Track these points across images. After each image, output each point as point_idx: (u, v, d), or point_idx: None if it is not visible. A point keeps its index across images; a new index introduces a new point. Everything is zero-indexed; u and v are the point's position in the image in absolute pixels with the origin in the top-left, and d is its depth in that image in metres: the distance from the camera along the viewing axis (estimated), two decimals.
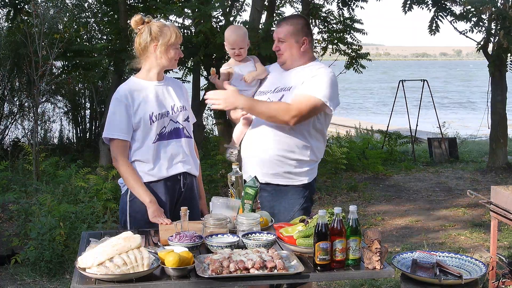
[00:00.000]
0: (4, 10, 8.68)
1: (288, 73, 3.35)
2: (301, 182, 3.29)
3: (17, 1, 8.06)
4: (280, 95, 3.28)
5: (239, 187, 2.97)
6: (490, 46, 9.51)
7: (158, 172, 3.06)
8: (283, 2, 11.50)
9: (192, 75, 10.03)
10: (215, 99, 3.17)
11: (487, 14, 8.81)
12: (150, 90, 3.10)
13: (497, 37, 9.15)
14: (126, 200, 3.13)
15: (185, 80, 9.94)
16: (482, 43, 9.39)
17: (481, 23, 9.07)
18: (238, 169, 3.02)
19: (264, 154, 3.25)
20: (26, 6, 8.21)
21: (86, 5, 10.96)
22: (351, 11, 10.27)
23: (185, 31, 9.35)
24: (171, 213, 3.07)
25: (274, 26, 3.55)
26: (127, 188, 3.14)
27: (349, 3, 10.18)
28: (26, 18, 8.21)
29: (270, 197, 3.22)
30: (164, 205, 3.06)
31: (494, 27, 9.25)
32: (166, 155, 3.08)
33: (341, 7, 10.26)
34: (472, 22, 9.04)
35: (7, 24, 8.51)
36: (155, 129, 3.05)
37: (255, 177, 2.91)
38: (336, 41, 10.37)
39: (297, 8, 11.07)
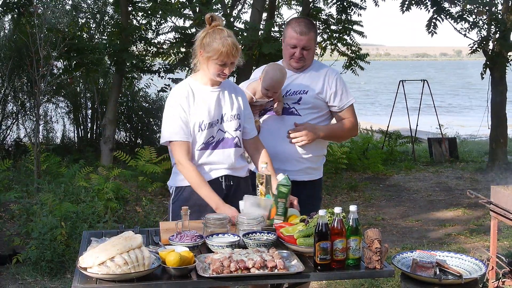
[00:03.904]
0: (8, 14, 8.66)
1: (298, 75, 3.44)
2: (318, 177, 3.47)
3: (20, 3, 8.07)
4: (297, 98, 3.40)
5: (269, 186, 2.94)
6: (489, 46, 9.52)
7: None
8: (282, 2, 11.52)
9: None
10: (298, 138, 3.30)
11: (483, 17, 8.84)
12: (204, 96, 3.02)
13: (490, 41, 9.18)
14: (170, 203, 3.13)
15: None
16: (475, 46, 9.41)
17: (477, 27, 9.10)
18: (267, 167, 2.99)
19: (285, 152, 3.32)
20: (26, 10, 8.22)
21: (85, 6, 10.98)
22: (349, 17, 10.29)
23: (185, 31, 9.37)
24: None
25: (281, 29, 3.53)
26: (172, 190, 3.13)
27: (348, 9, 10.19)
28: (28, 18, 8.21)
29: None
30: (206, 207, 3.01)
31: (486, 32, 9.27)
32: (208, 163, 3.04)
33: (340, 13, 10.27)
34: (469, 24, 9.07)
35: (13, 24, 8.48)
36: (202, 138, 3.00)
37: (287, 175, 2.90)
38: (335, 41, 10.38)
39: (297, 10, 11.08)
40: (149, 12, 9.21)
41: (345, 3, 10.13)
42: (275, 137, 3.37)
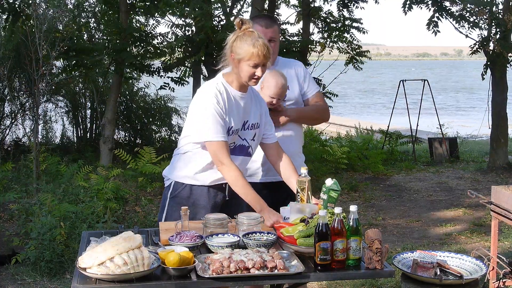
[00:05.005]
0: (3, 15, 8.67)
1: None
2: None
3: (16, 6, 8.05)
4: None
5: (309, 191, 2.92)
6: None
7: (203, 179, 3.03)
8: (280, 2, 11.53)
9: (192, 75, 10.04)
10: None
11: (483, 18, 8.84)
12: (235, 102, 2.99)
13: (491, 42, 9.18)
14: (167, 196, 3.10)
15: (185, 80, 9.96)
16: (476, 46, 9.41)
17: (476, 27, 9.11)
18: (307, 172, 2.96)
19: (288, 149, 3.31)
20: (26, 10, 8.21)
21: (86, 4, 10.99)
22: (350, 12, 10.32)
23: (186, 28, 9.40)
24: None
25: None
26: (170, 183, 3.10)
27: (349, 4, 10.21)
28: (25, 20, 8.20)
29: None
30: (204, 209, 3.01)
31: (487, 32, 9.27)
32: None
33: (341, 9, 10.30)
34: (470, 24, 9.08)
35: (5, 29, 8.48)
36: None
37: (336, 180, 2.89)
38: (336, 39, 10.41)
39: (297, 9, 11.08)
40: (148, 8, 9.20)
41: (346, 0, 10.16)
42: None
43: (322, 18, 10.47)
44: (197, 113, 2.96)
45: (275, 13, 10.60)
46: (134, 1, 9.48)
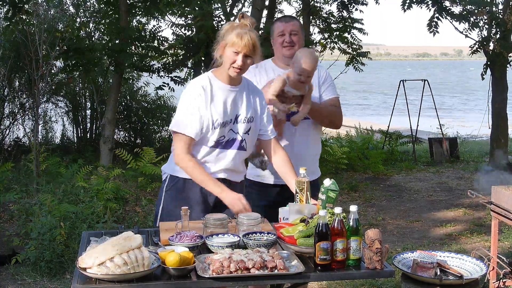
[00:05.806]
0: (4, 8, 8.66)
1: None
2: (319, 175, 3.54)
3: (17, 0, 8.05)
4: None
5: (308, 192, 2.92)
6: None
7: None
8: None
9: (193, 75, 10.05)
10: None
11: (483, 18, 8.85)
12: (222, 94, 3.00)
13: (491, 42, 9.19)
14: (163, 190, 3.12)
15: (185, 80, 9.96)
16: (475, 46, 9.42)
17: (476, 27, 9.12)
18: (305, 173, 2.95)
19: (305, 152, 3.33)
20: (26, 6, 8.21)
21: (86, 4, 10.98)
22: (350, 14, 10.33)
23: (187, 28, 9.39)
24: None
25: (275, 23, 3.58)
26: (166, 176, 3.12)
27: (348, 6, 10.22)
28: (25, 17, 8.20)
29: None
30: (197, 203, 3.03)
31: (487, 32, 9.28)
32: (212, 162, 3.02)
33: (341, 10, 10.31)
34: (470, 23, 9.09)
35: (5, 23, 8.49)
36: (214, 136, 2.98)
37: (334, 180, 2.88)
38: (336, 39, 10.42)
39: (297, 8, 11.10)
40: (147, 8, 9.19)
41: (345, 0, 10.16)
42: (290, 139, 3.37)
43: (322, 18, 10.48)
44: (178, 105, 3.04)
45: (276, 10, 10.63)
46: (134, 1, 9.47)
